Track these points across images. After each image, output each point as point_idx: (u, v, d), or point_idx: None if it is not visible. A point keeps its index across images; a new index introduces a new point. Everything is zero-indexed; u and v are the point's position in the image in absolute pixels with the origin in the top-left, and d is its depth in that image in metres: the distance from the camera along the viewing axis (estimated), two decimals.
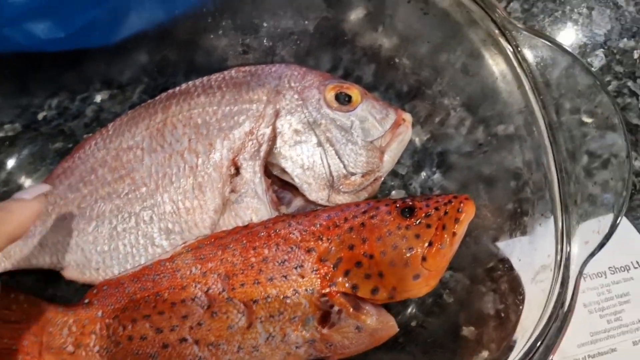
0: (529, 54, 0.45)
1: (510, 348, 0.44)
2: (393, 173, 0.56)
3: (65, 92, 0.56)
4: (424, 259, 0.45)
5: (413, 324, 0.51)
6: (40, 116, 0.55)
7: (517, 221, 0.49)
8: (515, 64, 0.44)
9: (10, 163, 0.54)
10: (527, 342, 0.43)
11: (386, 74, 0.57)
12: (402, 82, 0.57)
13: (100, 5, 0.49)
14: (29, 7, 0.47)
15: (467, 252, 0.51)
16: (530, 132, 0.46)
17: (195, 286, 0.45)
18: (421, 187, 0.56)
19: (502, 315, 0.48)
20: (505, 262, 0.50)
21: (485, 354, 0.46)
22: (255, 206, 0.48)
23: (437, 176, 0.56)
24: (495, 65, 0.47)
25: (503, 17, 0.45)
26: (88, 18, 0.49)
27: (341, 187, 0.49)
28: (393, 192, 0.56)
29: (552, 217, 0.45)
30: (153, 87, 0.57)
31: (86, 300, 0.47)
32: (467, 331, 0.49)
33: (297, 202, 0.51)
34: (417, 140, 0.57)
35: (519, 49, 0.44)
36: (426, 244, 0.45)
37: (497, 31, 0.45)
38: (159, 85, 0.57)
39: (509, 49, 0.45)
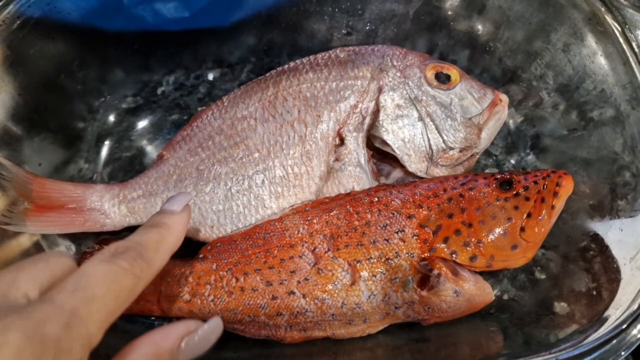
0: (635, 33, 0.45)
1: (601, 322, 0.44)
2: (487, 153, 0.57)
3: (181, 70, 0.61)
4: (522, 229, 0.46)
5: (505, 297, 0.52)
6: (159, 91, 0.60)
7: (615, 202, 0.49)
8: (622, 40, 0.45)
9: (133, 132, 0.59)
10: (618, 318, 0.43)
11: (481, 58, 0.59)
12: (497, 66, 0.59)
13: None
14: None
15: (561, 231, 0.51)
16: (635, 107, 0.46)
17: (303, 245, 0.48)
18: (514, 168, 0.58)
19: (595, 293, 0.48)
20: (600, 241, 0.50)
21: (574, 327, 0.47)
22: (357, 175, 0.51)
23: (530, 157, 0.57)
24: (599, 43, 0.48)
25: None
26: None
27: (439, 160, 0.51)
28: (487, 171, 0.58)
29: None
30: (260, 67, 0.61)
31: (201, 255, 0.51)
32: (559, 307, 0.50)
33: (396, 174, 0.53)
34: (510, 122, 0.59)
35: (627, 26, 0.44)
36: (525, 216, 0.46)
37: (603, 9, 0.46)
38: (264, 65, 0.61)
39: (615, 26, 0.45)
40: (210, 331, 0.35)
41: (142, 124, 0.59)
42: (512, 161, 0.58)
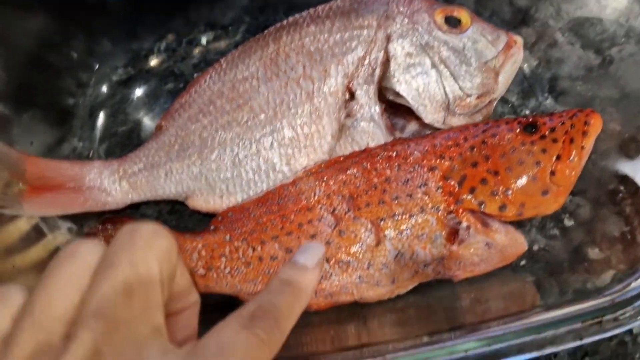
0: None
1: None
2: (502, 100, 0.55)
3: (172, 35, 0.57)
4: (552, 173, 0.43)
5: (535, 248, 0.50)
6: (150, 59, 0.57)
7: None
8: None
9: (127, 104, 0.56)
10: None
11: (489, 0, 0.56)
12: (507, 8, 0.56)
13: None
14: None
15: (588, 174, 0.48)
16: None
17: (321, 207, 0.45)
18: (532, 113, 0.55)
19: (629, 237, 0.46)
20: (630, 182, 0.47)
21: (612, 273, 0.44)
22: (371, 130, 0.48)
23: (549, 102, 0.54)
24: None
25: None
26: None
27: (456, 109, 0.48)
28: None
29: None
30: (255, 26, 0.58)
31: (212, 227, 0.48)
32: (593, 253, 0.48)
33: (411, 127, 0.50)
34: (525, 66, 0.56)
35: None
36: (554, 158, 0.44)
37: None
38: (260, 24, 0.58)
39: None
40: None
41: (137, 95, 0.56)
42: (530, 107, 0.55)
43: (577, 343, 0.34)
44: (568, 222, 0.50)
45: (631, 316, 0.35)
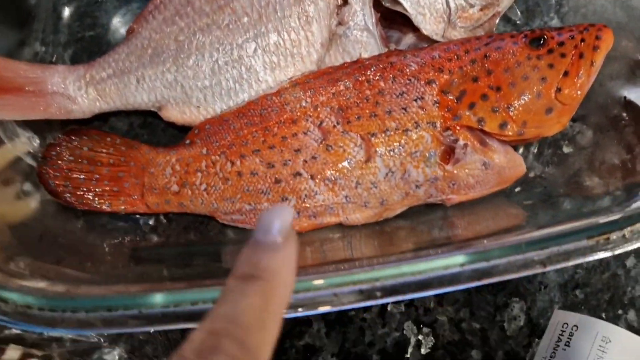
0: None
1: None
2: (505, 18, 0.50)
3: None
4: (558, 90, 0.40)
5: (531, 174, 0.47)
6: None
7: None
8: None
9: (96, 7, 0.50)
10: None
11: None
12: None
13: None
14: None
15: (590, 98, 0.46)
16: None
17: (307, 119, 0.42)
18: None
19: (630, 165, 0.44)
20: (634, 108, 0.45)
21: (608, 199, 0.42)
22: (364, 40, 0.44)
23: (555, 22, 0.51)
24: None
25: None
26: None
27: (458, 20, 0.44)
28: None
29: None
30: None
31: (187, 141, 0.44)
32: (590, 181, 0.45)
33: (407, 40, 0.46)
34: None
35: None
36: (561, 74, 0.40)
37: None
38: None
39: None
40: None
41: None
42: (535, 27, 0.51)
43: (580, 260, 0.31)
44: (567, 149, 0.48)
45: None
